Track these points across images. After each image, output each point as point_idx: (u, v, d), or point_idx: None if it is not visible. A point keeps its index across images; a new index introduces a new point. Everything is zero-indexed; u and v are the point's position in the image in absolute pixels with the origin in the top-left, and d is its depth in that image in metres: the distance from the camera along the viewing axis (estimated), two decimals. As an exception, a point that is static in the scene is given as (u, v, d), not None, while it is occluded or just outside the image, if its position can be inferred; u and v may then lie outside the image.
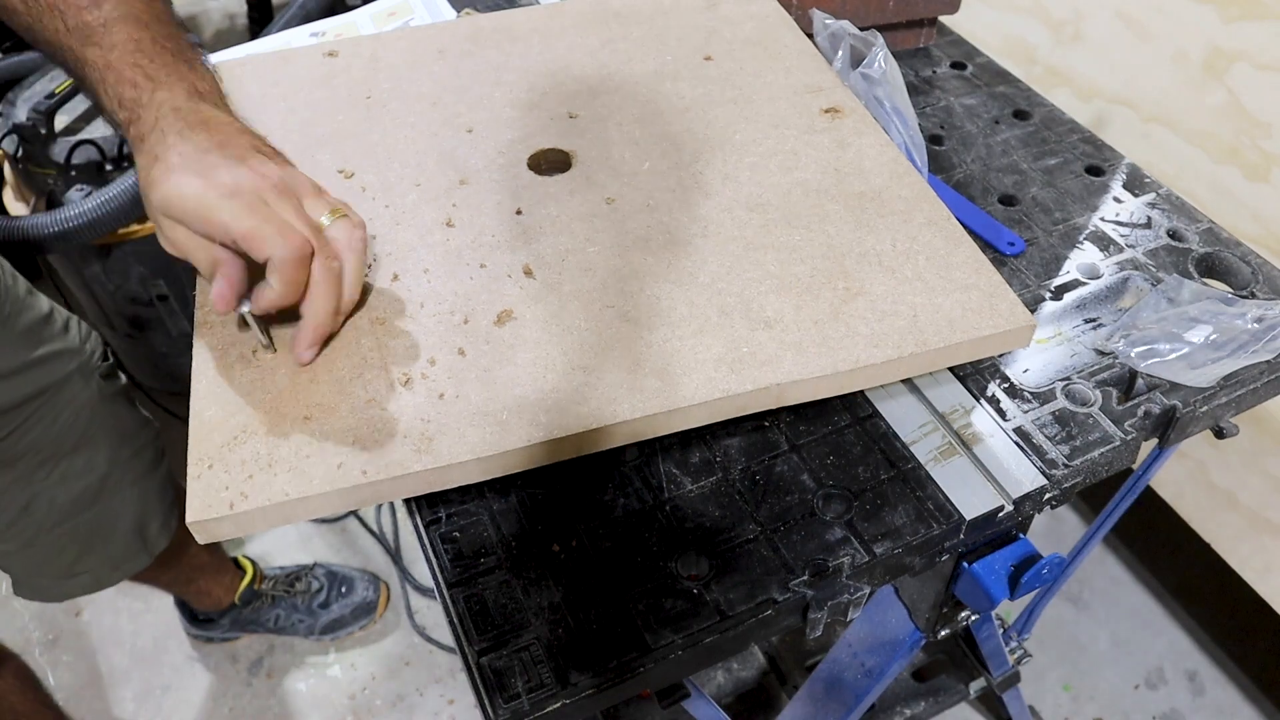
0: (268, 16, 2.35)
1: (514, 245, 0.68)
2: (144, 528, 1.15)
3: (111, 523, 1.12)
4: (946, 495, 0.61)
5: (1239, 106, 1.10)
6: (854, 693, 0.96)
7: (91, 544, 1.11)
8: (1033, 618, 1.18)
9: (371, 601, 1.57)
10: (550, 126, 0.77)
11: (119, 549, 1.14)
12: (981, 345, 0.63)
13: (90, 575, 1.14)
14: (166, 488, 1.18)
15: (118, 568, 1.16)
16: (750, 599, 0.56)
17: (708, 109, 0.78)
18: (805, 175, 0.72)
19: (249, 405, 0.58)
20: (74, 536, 1.09)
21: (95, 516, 1.09)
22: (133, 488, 1.12)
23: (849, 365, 0.60)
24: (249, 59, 0.85)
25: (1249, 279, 0.75)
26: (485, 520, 0.60)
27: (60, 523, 1.07)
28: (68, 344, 1.03)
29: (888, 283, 0.64)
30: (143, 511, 1.14)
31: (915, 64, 0.98)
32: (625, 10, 0.89)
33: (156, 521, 1.17)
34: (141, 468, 1.13)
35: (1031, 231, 0.79)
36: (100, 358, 1.08)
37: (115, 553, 1.14)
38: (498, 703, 0.52)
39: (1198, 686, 1.48)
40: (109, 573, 1.15)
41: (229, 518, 0.54)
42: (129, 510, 1.13)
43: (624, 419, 0.57)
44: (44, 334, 1.00)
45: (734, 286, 0.64)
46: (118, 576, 1.17)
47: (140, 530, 1.15)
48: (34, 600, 1.15)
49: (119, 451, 1.09)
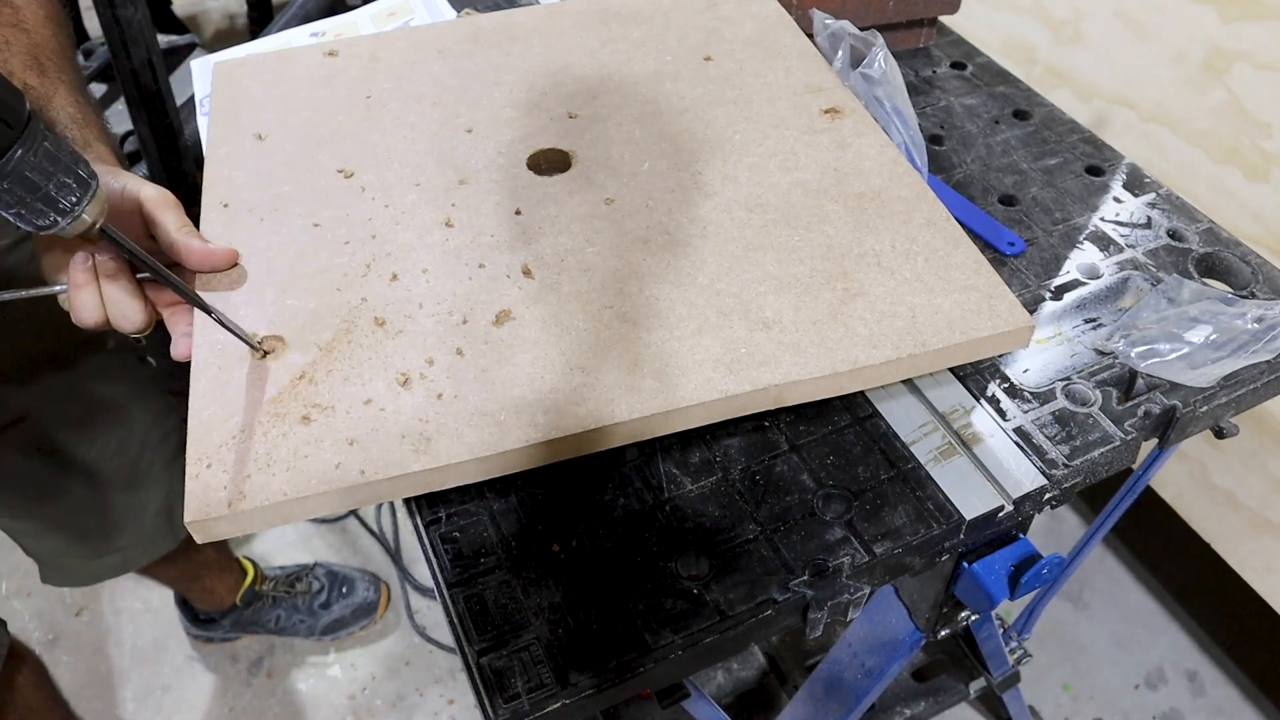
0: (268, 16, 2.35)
1: (513, 245, 0.67)
2: (172, 510, 1.17)
3: (143, 503, 1.13)
4: (946, 495, 0.61)
5: (1239, 106, 1.10)
6: (854, 693, 0.96)
7: (123, 524, 1.12)
8: (1033, 618, 1.18)
9: (372, 601, 1.57)
10: (550, 127, 0.77)
11: (148, 530, 1.16)
12: (980, 346, 0.63)
13: (119, 555, 1.15)
14: None
15: (146, 549, 1.17)
16: (750, 599, 0.56)
17: (707, 109, 0.78)
18: (805, 175, 0.72)
19: (248, 405, 0.58)
20: (108, 515, 1.10)
21: (128, 497, 1.11)
22: (164, 470, 1.14)
23: (847, 366, 0.60)
24: (249, 59, 0.85)
25: (1249, 279, 0.75)
26: (485, 520, 0.60)
27: (94, 502, 1.08)
28: None
29: (887, 283, 0.64)
30: (170, 494, 1.16)
31: (915, 64, 0.98)
32: (625, 10, 0.89)
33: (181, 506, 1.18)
34: (170, 452, 1.15)
35: (1031, 231, 0.79)
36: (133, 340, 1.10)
37: (145, 534, 1.16)
38: (498, 703, 0.52)
39: (1198, 686, 1.48)
40: (138, 554, 1.17)
41: (227, 517, 0.54)
42: (159, 492, 1.14)
43: (622, 420, 0.57)
44: None
45: (733, 287, 0.64)
46: (146, 558, 1.18)
47: (169, 513, 1.17)
48: (61, 585, 1.17)
49: (150, 433, 1.11)
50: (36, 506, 1.05)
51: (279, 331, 0.62)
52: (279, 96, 0.81)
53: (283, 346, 0.61)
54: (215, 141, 0.77)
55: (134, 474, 1.10)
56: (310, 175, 0.73)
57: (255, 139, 0.76)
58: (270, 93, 0.81)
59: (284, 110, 0.79)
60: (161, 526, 1.17)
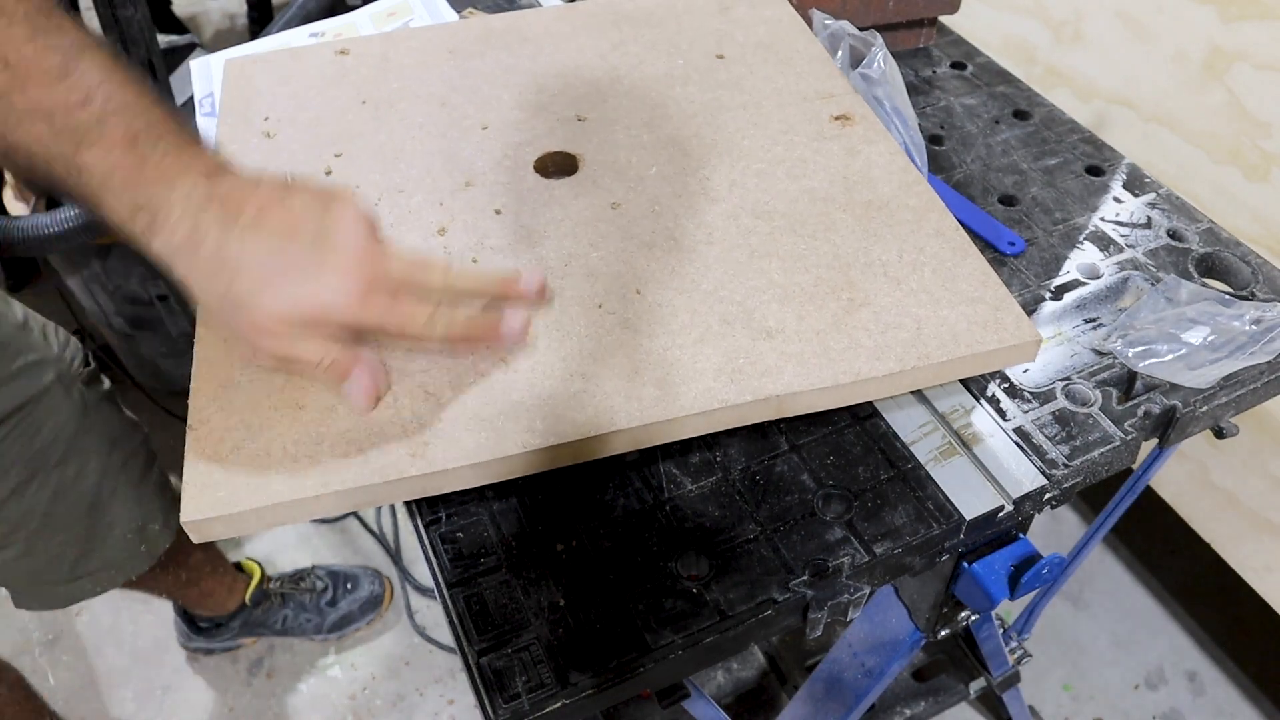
0: (268, 16, 2.35)
1: (517, 249, 0.67)
2: (144, 529, 1.15)
3: (109, 526, 1.11)
4: (946, 495, 0.61)
5: (1239, 106, 1.10)
6: (854, 693, 0.96)
7: (91, 548, 1.10)
8: (1033, 618, 1.18)
9: (378, 595, 1.57)
10: (558, 129, 0.77)
11: (120, 552, 1.13)
12: (986, 360, 0.62)
13: (91, 579, 1.13)
14: (166, 487, 1.18)
15: (120, 569, 1.15)
16: (750, 599, 0.56)
17: (717, 114, 0.78)
18: (813, 183, 0.71)
19: (247, 406, 0.58)
20: (73, 542, 1.08)
21: (93, 523, 1.08)
22: (130, 490, 1.11)
23: (850, 378, 0.59)
24: (260, 56, 0.85)
25: (1249, 279, 0.75)
26: (485, 520, 0.60)
27: (57, 531, 1.05)
28: (45, 353, 1.01)
29: (893, 294, 0.63)
30: (142, 514, 1.14)
31: (915, 64, 0.98)
32: (637, 13, 0.88)
33: (157, 522, 1.16)
34: (136, 471, 1.12)
35: (1031, 231, 0.79)
36: (81, 364, 1.06)
37: (116, 556, 1.13)
38: (498, 703, 0.52)
39: (1198, 686, 1.48)
40: (112, 575, 1.15)
41: (224, 518, 0.54)
42: (127, 514, 1.12)
43: (620, 428, 0.57)
44: (19, 344, 0.98)
45: (737, 295, 0.64)
46: (121, 578, 1.16)
47: (140, 531, 1.14)
48: (38, 610, 1.14)
49: (110, 458, 1.08)
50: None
51: None
52: (289, 94, 0.81)
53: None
54: (224, 139, 0.77)
55: (96, 501, 1.07)
56: (317, 175, 0.73)
57: (264, 136, 0.77)
58: (280, 90, 0.81)
59: (293, 108, 0.79)
60: (132, 547, 1.14)
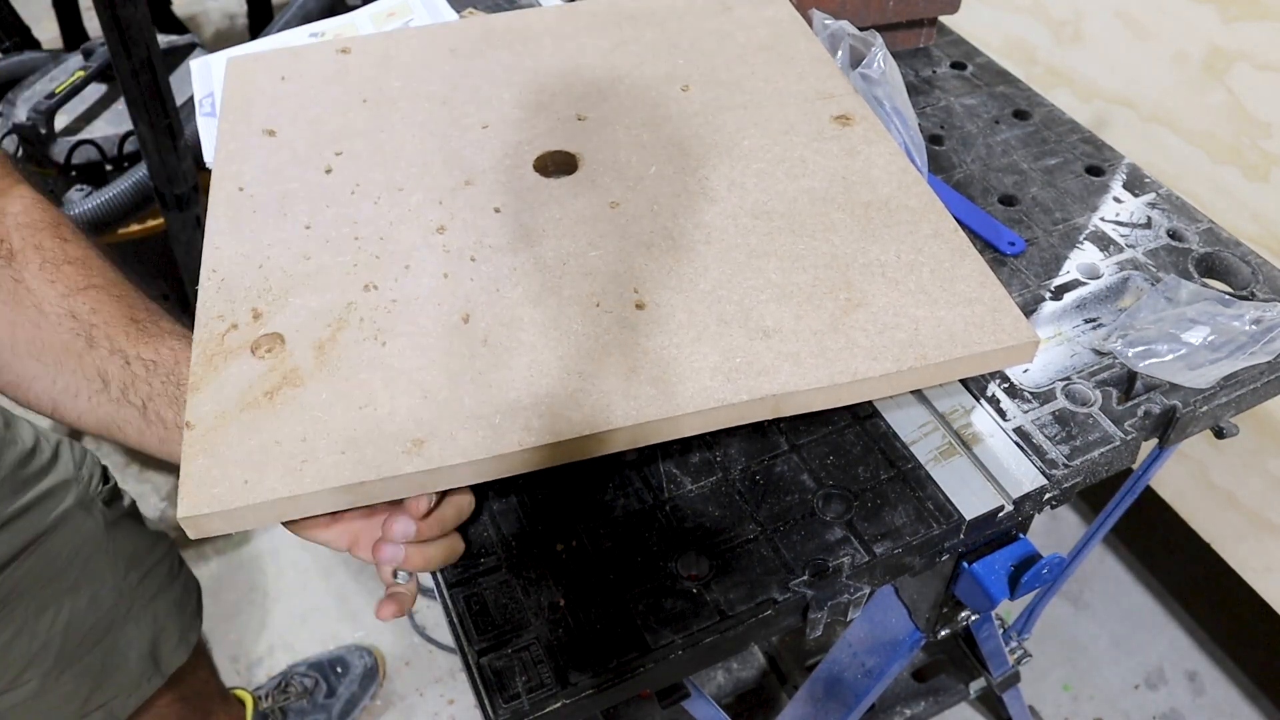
0: (268, 16, 2.35)
1: (515, 247, 0.67)
2: (157, 647, 1.06)
3: (124, 652, 1.02)
4: (946, 495, 0.61)
5: (1239, 106, 1.10)
6: (854, 693, 0.96)
7: (103, 679, 1.01)
8: (1033, 618, 1.18)
9: (371, 666, 1.49)
10: (558, 128, 0.77)
11: (133, 675, 1.05)
12: (983, 361, 0.62)
13: (104, 711, 1.03)
14: (186, 597, 1.10)
15: (133, 693, 1.06)
16: (750, 599, 0.56)
17: (717, 114, 0.78)
18: (812, 183, 0.71)
19: (244, 403, 0.58)
20: (85, 676, 0.99)
21: (105, 650, 1.00)
22: (145, 610, 1.03)
23: (847, 378, 0.59)
24: (262, 54, 0.85)
25: (1249, 279, 0.75)
26: (485, 520, 0.60)
27: (68, 666, 0.97)
28: (60, 476, 0.93)
29: (890, 294, 0.63)
30: (156, 631, 1.06)
31: (915, 64, 0.98)
32: (639, 13, 0.88)
33: (173, 638, 1.08)
34: (154, 587, 1.04)
35: (1031, 231, 0.79)
36: (100, 480, 1.00)
37: (129, 681, 1.04)
38: (498, 703, 0.52)
39: (1198, 686, 1.48)
40: (123, 701, 1.05)
41: (220, 514, 0.54)
42: (142, 634, 1.03)
43: (617, 426, 0.57)
44: (31, 471, 0.90)
45: (734, 294, 0.64)
46: (133, 704, 1.06)
47: (154, 651, 1.06)
48: None
49: (126, 578, 1.01)
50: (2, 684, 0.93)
51: (277, 329, 0.62)
52: (291, 93, 0.81)
53: (280, 345, 0.61)
54: (225, 136, 0.77)
55: (111, 624, 0.99)
56: (317, 173, 0.73)
57: (265, 134, 0.77)
58: (281, 89, 0.81)
59: (294, 107, 0.79)
60: (147, 668, 1.05)
